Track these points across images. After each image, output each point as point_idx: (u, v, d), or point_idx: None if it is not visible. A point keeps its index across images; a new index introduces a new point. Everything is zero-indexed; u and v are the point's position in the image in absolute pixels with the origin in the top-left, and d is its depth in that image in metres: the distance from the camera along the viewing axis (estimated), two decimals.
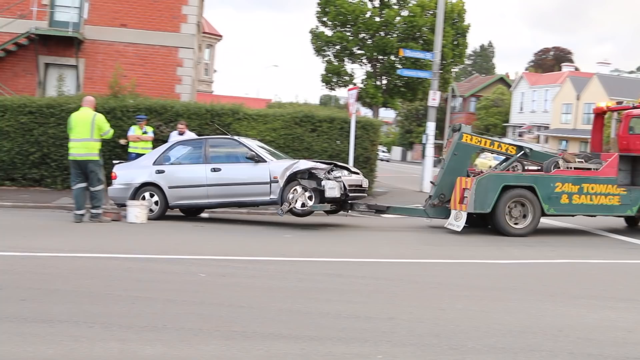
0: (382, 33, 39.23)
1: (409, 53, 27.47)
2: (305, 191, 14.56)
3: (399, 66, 38.13)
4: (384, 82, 40.32)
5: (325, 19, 40.27)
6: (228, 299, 7.69)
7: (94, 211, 14.55)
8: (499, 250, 12.77)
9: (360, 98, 35.89)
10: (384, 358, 5.78)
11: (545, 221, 16.96)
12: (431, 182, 15.54)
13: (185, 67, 24.03)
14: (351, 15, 38.59)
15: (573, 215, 16.05)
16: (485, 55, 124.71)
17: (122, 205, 15.46)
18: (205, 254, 10.80)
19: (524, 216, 15.23)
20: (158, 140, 19.10)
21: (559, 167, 15.82)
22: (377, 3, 39.41)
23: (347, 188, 14.60)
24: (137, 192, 15.50)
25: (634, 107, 16.93)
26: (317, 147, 20.64)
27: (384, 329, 6.68)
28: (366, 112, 44.58)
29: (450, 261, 11.27)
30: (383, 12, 39.12)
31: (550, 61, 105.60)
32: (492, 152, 16.31)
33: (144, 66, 23.92)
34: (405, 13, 39.35)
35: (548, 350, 6.17)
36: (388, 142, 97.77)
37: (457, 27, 40.85)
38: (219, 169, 15.26)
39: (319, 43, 40.63)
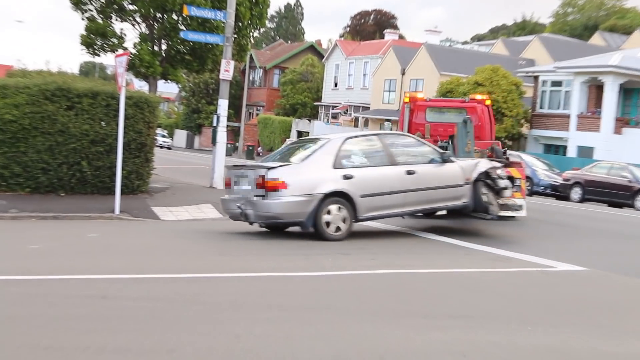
0: None
1: (194, 12, 27.37)
2: (491, 191, 16.97)
3: (183, 28, 37.95)
4: (164, 47, 39.97)
5: None
6: None
7: None
8: (306, 260, 13.00)
9: (132, 67, 35.38)
10: None
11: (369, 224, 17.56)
12: None
13: None
14: None
15: None
16: (291, 17, 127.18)
17: (296, 224, 15.38)
18: None
19: None
20: None
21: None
22: None
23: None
24: (321, 204, 15.07)
25: (467, 101, 23.40)
26: (75, 130, 20.06)
27: None
28: (141, 86, 44.11)
29: (248, 275, 11.31)
30: None
31: (370, 27, 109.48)
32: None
33: None
34: None
35: None
36: (169, 124, 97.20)
37: None
38: (414, 172, 16.01)
39: None
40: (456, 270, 12.70)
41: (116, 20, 40.20)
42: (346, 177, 15.33)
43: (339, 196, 15.24)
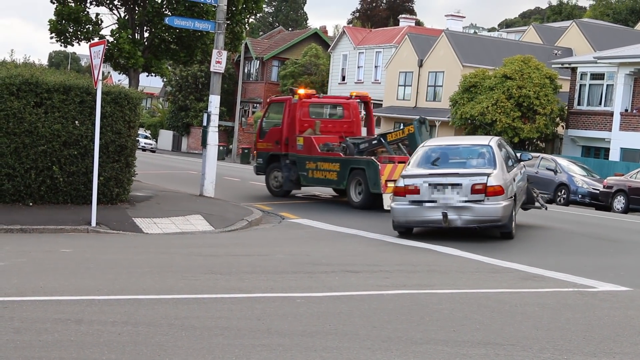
0: None
1: None
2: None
3: (168, 13, 37.99)
4: (146, 35, 40.03)
5: None
6: None
7: None
8: (310, 279, 13.01)
9: (110, 58, 35.44)
10: None
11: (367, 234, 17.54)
12: None
13: None
14: None
15: None
16: (292, 1, 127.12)
17: (501, 226, 18.53)
18: None
19: None
20: None
21: None
22: None
23: None
24: (513, 206, 18.92)
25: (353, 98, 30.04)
26: (46, 130, 20.00)
27: None
28: (120, 79, 44.12)
29: (243, 295, 11.34)
30: None
31: (382, 12, 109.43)
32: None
33: None
34: None
35: None
36: (153, 124, 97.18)
37: None
38: (520, 173, 20.90)
39: None
40: (481, 290, 12.70)
41: (91, 3, 40.25)
42: (513, 180, 19.12)
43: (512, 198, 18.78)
